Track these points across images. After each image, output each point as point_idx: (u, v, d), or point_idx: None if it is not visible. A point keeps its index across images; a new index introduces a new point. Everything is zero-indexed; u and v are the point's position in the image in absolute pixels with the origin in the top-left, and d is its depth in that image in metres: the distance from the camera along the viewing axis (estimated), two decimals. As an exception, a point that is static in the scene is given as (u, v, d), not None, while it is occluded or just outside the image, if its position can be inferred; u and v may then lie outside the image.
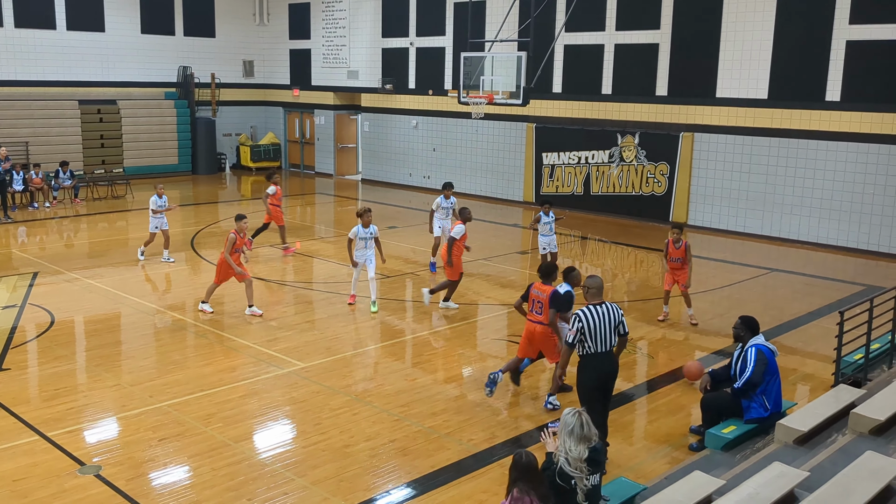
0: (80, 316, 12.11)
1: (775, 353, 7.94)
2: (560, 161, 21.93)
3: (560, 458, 5.40)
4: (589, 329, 7.34)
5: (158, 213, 15.34)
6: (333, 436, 8.06)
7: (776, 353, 7.94)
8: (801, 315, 12.78)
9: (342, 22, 27.39)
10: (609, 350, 7.46)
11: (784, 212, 18.13)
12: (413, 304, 13.19)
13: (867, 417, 7.07)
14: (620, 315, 7.54)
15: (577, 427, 5.35)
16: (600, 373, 7.44)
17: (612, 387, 7.61)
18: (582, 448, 5.33)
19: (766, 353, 7.81)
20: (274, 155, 30.10)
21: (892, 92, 16.43)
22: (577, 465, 5.35)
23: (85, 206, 21.69)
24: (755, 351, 7.80)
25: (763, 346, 7.86)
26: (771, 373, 7.80)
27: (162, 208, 15.36)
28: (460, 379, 9.90)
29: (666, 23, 19.52)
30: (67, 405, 8.72)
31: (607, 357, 7.44)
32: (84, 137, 25.38)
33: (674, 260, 11.85)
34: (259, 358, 10.25)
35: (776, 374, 7.86)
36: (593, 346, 7.38)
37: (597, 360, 7.40)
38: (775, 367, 7.86)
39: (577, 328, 7.37)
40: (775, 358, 7.89)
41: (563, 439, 5.41)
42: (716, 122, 19.00)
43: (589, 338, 7.35)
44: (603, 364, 7.43)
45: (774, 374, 7.84)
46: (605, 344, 7.40)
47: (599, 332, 7.37)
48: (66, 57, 25.46)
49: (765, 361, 7.74)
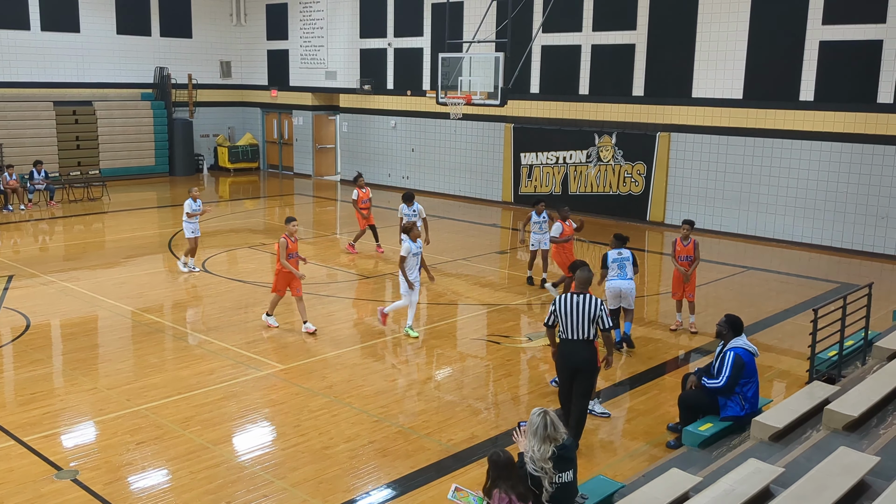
0: (56, 319, 12.00)
1: (755, 353, 7.97)
2: (538, 161, 22.01)
3: (526, 458, 5.46)
4: (562, 314, 7.69)
5: (193, 216, 14.60)
6: (313, 437, 8.05)
7: (756, 354, 7.98)
8: (777, 312, 12.92)
9: (320, 23, 27.32)
10: (580, 339, 7.67)
11: (759, 210, 18.32)
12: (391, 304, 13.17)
13: (841, 413, 7.16)
14: (601, 309, 7.66)
15: (541, 427, 5.44)
16: (567, 361, 7.77)
17: (584, 379, 7.72)
18: (546, 447, 5.39)
19: (743, 356, 7.83)
20: (252, 156, 29.97)
21: (864, 91, 16.66)
22: (540, 465, 5.40)
23: (61, 209, 21.49)
24: (733, 356, 7.82)
25: (741, 350, 7.87)
26: (748, 375, 7.84)
27: (197, 212, 14.62)
28: (440, 379, 9.92)
29: (642, 24, 19.66)
30: (44, 409, 8.64)
31: (576, 346, 7.69)
32: (59, 139, 25.15)
33: (682, 259, 11.55)
34: (238, 360, 10.21)
35: (754, 375, 7.91)
36: (564, 332, 7.74)
37: (567, 346, 7.77)
38: (753, 368, 7.90)
39: (550, 310, 7.82)
40: (755, 359, 7.93)
41: (528, 438, 5.47)
42: (692, 121, 19.16)
43: (561, 323, 7.72)
44: (572, 352, 7.73)
45: (752, 376, 7.89)
46: (576, 332, 7.67)
47: (571, 320, 7.66)
48: (40, 58, 25.20)
49: (741, 366, 7.77)
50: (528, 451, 5.49)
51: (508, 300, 13.30)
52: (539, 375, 10.01)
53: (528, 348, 11.05)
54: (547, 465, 5.40)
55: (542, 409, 5.50)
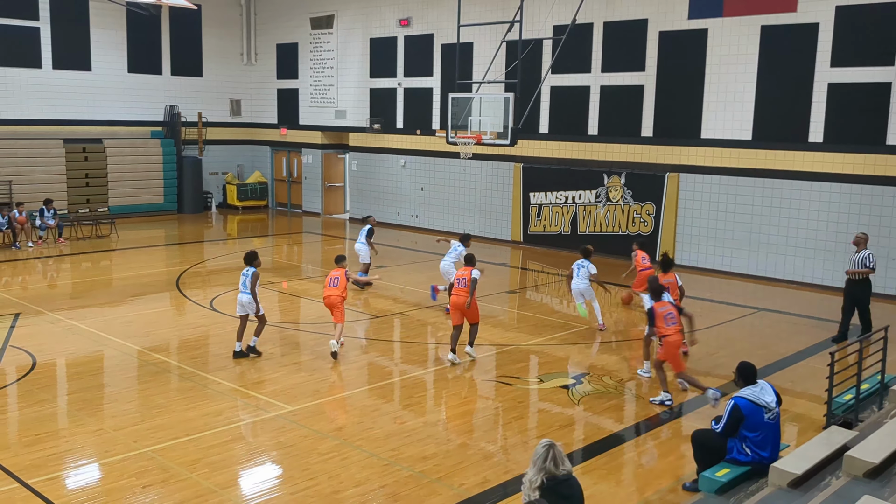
0: (62, 358, 11.92)
1: (766, 408, 7.50)
2: (547, 201, 22.01)
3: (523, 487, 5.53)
4: None
5: None
6: (322, 481, 7.91)
7: (767, 409, 7.50)
8: (790, 355, 12.78)
9: (330, 62, 27.59)
10: None
11: (769, 251, 18.24)
12: (401, 344, 13.08)
13: (861, 460, 7.02)
14: None
15: (541, 459, 5.47)
16: None
17: None
18: (538, 477, 5.43)
19: (744, 409, 7.46)
20: (261, 194, 30.08)
21: (873, 133, 16.66)
22: (528, 493, 5.43)
23: (69, 246, 21.52)
24: (731, 406, 7.53)
25: (743, 401, 7.50)
26: (752, 429, 7.48)
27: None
28: (451, 421, 9.78)
29: (651, 65, 19.78)
30: (48, 451, 8.52)
31: None
32: (69, 176, 25.29)
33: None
34: (245, 401, 10.10)
35: (761, 429, 7.49)
36: None
37: None
38: (758, 423, 7.47)
39: None
40: (766, 413, 7.48)
41: (529, 468, 5.56)
42: (701, 162, 19.17)
43: None
44: None
45: (758, 430, 7.49)
46: None
47: None
48: (51, 96, 25.47)
49: (739, 418, 7.45)
50: (524, 481, 5.53)
51: (519, 340, 13.19)
52: (551, 418, 9.86)
53: (539, 390, 10.91)
54: (534, 494, 5.38)
55: (549, 442, 5.54)
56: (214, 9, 29.02)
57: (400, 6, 25.22)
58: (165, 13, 27.46)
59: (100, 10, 26.06)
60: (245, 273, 11.90)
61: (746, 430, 7.55)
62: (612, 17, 20.39)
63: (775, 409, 7.63)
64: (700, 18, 18.86)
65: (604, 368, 11.80)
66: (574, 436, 9.33)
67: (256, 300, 11.75)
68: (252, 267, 11.93)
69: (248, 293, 11.74)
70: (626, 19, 20.12)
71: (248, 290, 11.75)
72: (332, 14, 27.30)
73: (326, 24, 27.56)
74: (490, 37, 21.85)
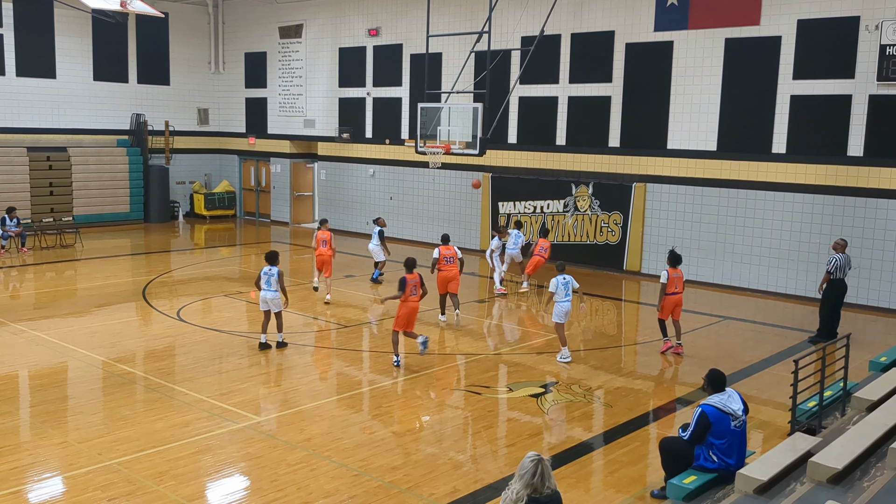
0: (24, 370, 11.72)
1: (732, 415, 7.62)
2: (516, 210, 22.13)
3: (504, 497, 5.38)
4: None
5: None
6: (291, 493, 7.86)
7: (734, 416, 7.62)
8: (754, 363, 12.95)
9: (299, 71, 27.52)
10: None
11: (734, 260, 18.50)
12: (370, 354, 13.06)
13: (825, 466, 7.13)
14: None
15: (529, 474, 5.35)
16: None
17: None
18: (523, 493, 5.32)
19: (711, 416, 7.57)
20: (229, 203, 29.86)
21: (834, 144, 17.00)
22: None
23: (32, 256, 21.18)
24: (698, 413, 7.64)
25: (710, 409, 7.62)
26: (719, 436, 7.59)
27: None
28: (419, 431, 9.78)
29: (618, 76, 20.01)
30: (11, 464, 8.37)
31: None
32: (32, 185, 24.93)
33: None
34: (212, 412, 10.01)
35: (727, 436, 7.60)
36: None
37: None
38: (725, 430, 7.58)
39: None
40: (732, 421, 7.60)
41: (514, 480, 5.41)
42: (667, 172, 19.41)
43: None
44: None
45: (724, 437, 7.60)
46: None
47: None
48: (14, 103, 25.10)
49: (706, 425, 7.57)
50: (507, 490, 5.42)
51: (488, 350, 13.22)
52: (520, 427, 9.90)
53: (508, 399, 10.94)
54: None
55: (538, 456, 5.41)
56: (182, 17, 28.81)
57: (369, 16, 25.25)
58: (132, 21, 27.20)
59: (65, 18, 25.74)
60: (269, 272, 12.65)
61: (713, 437, 7.65)
62: (579, 28, 20.61)
63: (742, 417, 7.74)
64: (666, 31, 19.13)
65: (572, 377, 11.87)
66: (543, 444, 9.37)
67: (285, 294, 12.79)
68: (275, 266, 12.72)
69: (274, 290, 12.62)
70: (594, 31, 20.35)
71: (274, 288, 12.62)
72: (301, 23, 27.25)
73: (295, 33, 27.50)
74: (459, 47, 21.95)
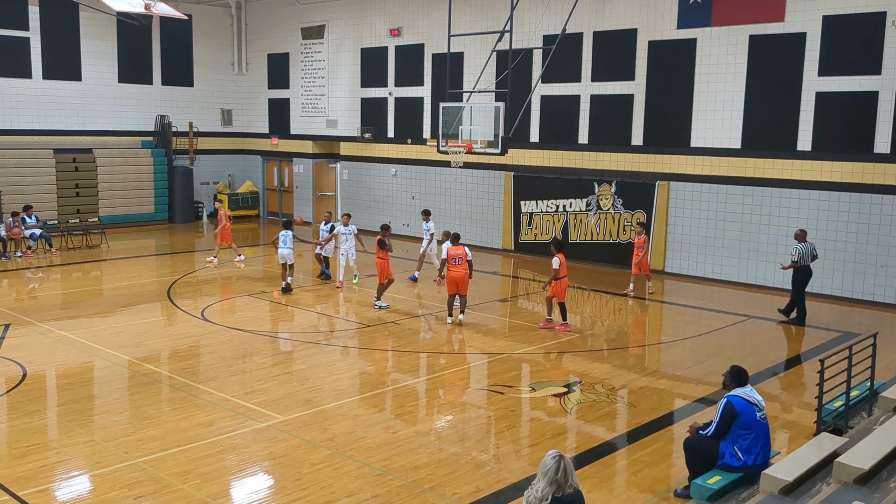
0: (52, 369, 11.87)
1: (756, 405, 7.69)
2: (538, 209, 22.08)
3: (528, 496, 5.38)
4: None
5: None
6: (314, 492, 7.90)
7: (758, 406, 7.69)
8: (779, 362, 12.84)
9: (321, 72, 27.63)
10: None
11: (759, 259, 18.33)
12: (393, 353, 13.09)
13: (851, 466, 7.06)
14: None
15: (552, 470, 5.37)
16: None
17: None
18: (548, 490, 5.32)
19: (737, 406, 7.59)
20: (252, 203, 30.06)
21: (860, 141, 16.79)
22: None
23: (59, 256, 21.44)
24: (724, 404, 7.65)
25: (737, 399, 7.65)
26: (745, 426, 7.59)
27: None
28: (443, 430, 9.79)
29: (640, 74, 19.89)
30: (39, 462, 8.48)
31: None
32: (59, 186, 25.23)
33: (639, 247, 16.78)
34: (237, 411, 10.08)
35: (754, 428, 7.61)
36: None
37: None
38: (751, 421, 7.60)
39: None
40: (757, 411, 7.66)
41: (538, 479, 5.41)
42: (690, 171, 19.28)
43: None
44: None
45: (751, 429, 7.60)
46: None
47: None
48: (41, 106, 25.43)
49: (732, 414, 7.58)
50: (530, 489, 5.42)
51: (511, 349, 13.21)
52: (543, 426, 9.88)
53: (531, 398, 10.93)
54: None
55: (559, 453, 5.42)
56: (205, 19, 29.03)
57: (391, 16, 25.30)
58: (156, 23, 27.46)
59: (90, 21, 26.04)
60: (285, 235, 17.01)
61: (740, 428, 7.61)
62: (601, 26, 20.51)
63: (764, 410, 7.79)
64: (689, 28, 19.00)
65: (595, 377, 11.83)
66: (566, 444, 9.34)
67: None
68: (289, 230, 17.12)
69: (288, 248, 16.85)
70: (616, 29, 20.24)
71: (289, 246, 16.86)
72: (323, 24, 27.36)
73: (317, 34, 27.61)
74: (480, 46, 21.94)
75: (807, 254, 15.17)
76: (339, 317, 15.52)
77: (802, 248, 15.15)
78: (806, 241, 15.26)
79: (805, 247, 15.17)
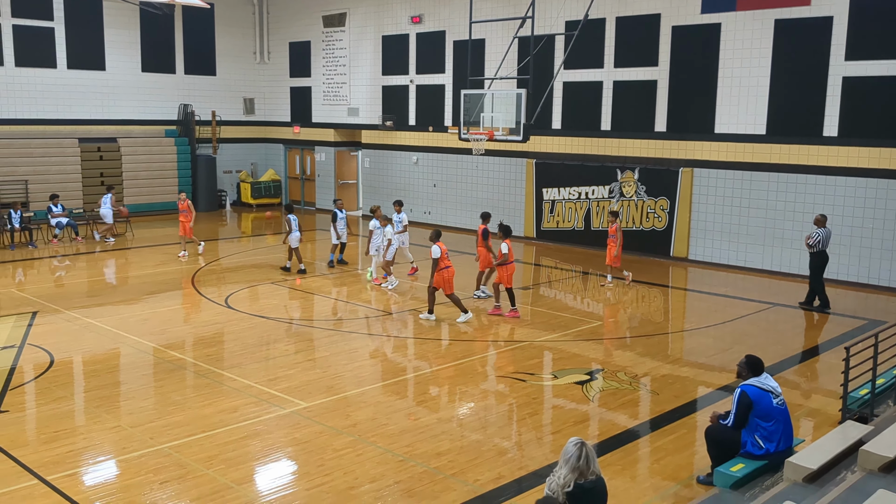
0: (79, 356, 12.03)
1: (772, 392, 7.60)
2: (560, 196, 21.99)
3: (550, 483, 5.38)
4: None
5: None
6: (337, 477, 7.95)
7: (773, 394, 7.60)
8: (805, 349, 12.72)
9: (343, 60, 27.64)
10: None
11: (784, 246, 18.15)
12: (414, 341, 13.13)
13: (876, 454, 7.00)
14: None
15: (574, 457, 5.38)
16: None
17: None
18: (571, 477, 5.32)
19: (752, 394, 7.53)
20: (275, 191, 30.20)
21: (888, 127, 16.54)
22: (556, 492, 5.33)
23: (84, 245, 21.68)
24: (739, 394, 7.60)
25: (750, 388, 7.58)
26: (763, 414, 7.54)
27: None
28: (465, 417, 9.81)
29: (664, 60, 19.71)
30: (67, 447, 8.62)
31: None
32: (84, 175, 25.50)
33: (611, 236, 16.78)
34: (260, 398, 10.16)
35: (772, 415, 7.55)
36: None
37: None
38: (768, 408, 7.54)
39: None
40: (774, 398, 7.58)
41: (560, 466, 5.41)
42: (715, 157, 19.10)
43: None
44: None
45: (768, 417, 7.55)
46: None
47: None
48: (66, 95, 25.67)
49: (748, 405, 7.52)
50: (552, 476, 5.42)
51: (533, 337, 13.20)
52: (565, 414, 9.87)
53: (553, 386, 10.92)
54: (563, 493, 5.31)
55: (581, 441, 5.42)
56: (227, 8, 29.13)
57: (412, 3, 25.24)
58: (178, 12, 27.60)
59: (113, 10, 26.22)
60: (294, 218, 17.96)
61: (759, 418, 7.57)
62: (624, 11, 20.33)
63: (781, 396, 7.72)
64: (713, 13, 18.78)
65: (618, 364, 11.80)
66: (589, 432, 9.33)
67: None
68: (293, 215, 18.00)
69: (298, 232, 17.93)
70: (639, 14, 20.06)
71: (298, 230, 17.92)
72: (345, 12, 27.35)
73: (339, 21, 27.61)
74: (502, 33, 21.84)
75: (826, 238, 14.96)
76: (361, 304, 15.57)
77: (822, 232, 14.92)
78: (825, 226, 15.03)
79: (824, 231, 14.95)
